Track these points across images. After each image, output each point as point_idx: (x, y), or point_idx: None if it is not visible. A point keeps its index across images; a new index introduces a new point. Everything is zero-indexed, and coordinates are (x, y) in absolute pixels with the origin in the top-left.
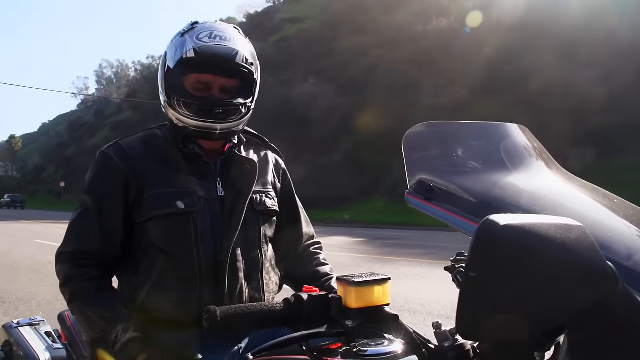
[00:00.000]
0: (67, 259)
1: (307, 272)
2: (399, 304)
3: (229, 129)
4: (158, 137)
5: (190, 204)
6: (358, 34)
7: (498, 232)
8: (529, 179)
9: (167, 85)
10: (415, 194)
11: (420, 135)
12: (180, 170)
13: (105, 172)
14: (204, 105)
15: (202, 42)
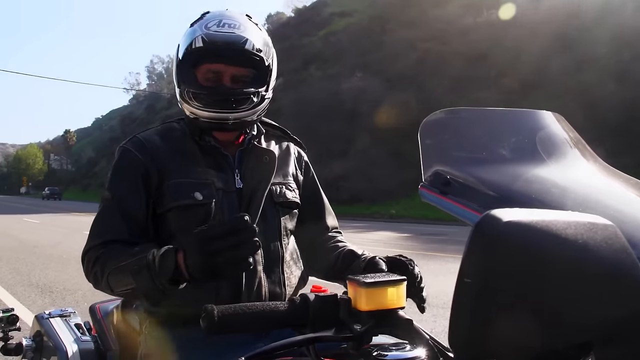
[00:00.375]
0: (95, 249)
1: (323, 251)
2: (442, 301)
3: (241, 118)
4: (176, 129)
5: (208, 195)
6: (407, 27)
7: (500, 229)
8: (560, 171)
9: (178, 77)
10: (430, 187)
11: (439, 123)
12: (197, 162)
13: (125, 165)
14: (214, 95)
15: (210, 30)
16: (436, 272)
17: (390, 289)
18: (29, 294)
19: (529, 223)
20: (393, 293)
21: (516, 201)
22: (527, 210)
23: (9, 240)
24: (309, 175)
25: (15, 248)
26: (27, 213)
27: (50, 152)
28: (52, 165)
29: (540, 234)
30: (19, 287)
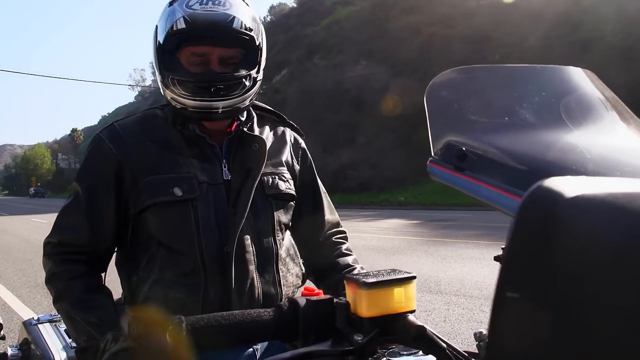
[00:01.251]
0: (53, 251)
1: (326, 262)
2: (455, 288)
3: (233, 105)
4: (157, 117)
5: (189, 190)
6: (410, 12)
7: (565, 209)
8: (598, 136)
9: (159, 62)
10: (442, 163)
11: (449, 84)
12: (180, 153)
13: (97, 157)
14: (202, 82)
15: (193, 9)
16: (448, 259)
17: (396, 289)
18: (34, 295)
19: (610, 199)
20: (400, 294)
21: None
22: (594, 178)
23: (17, 241)
24: (306, 164)
25: (23, 249)
26: (35, 213)
27: (58, 151)
28: (60, 165)
29: (627, 212)
30: (25, 288)
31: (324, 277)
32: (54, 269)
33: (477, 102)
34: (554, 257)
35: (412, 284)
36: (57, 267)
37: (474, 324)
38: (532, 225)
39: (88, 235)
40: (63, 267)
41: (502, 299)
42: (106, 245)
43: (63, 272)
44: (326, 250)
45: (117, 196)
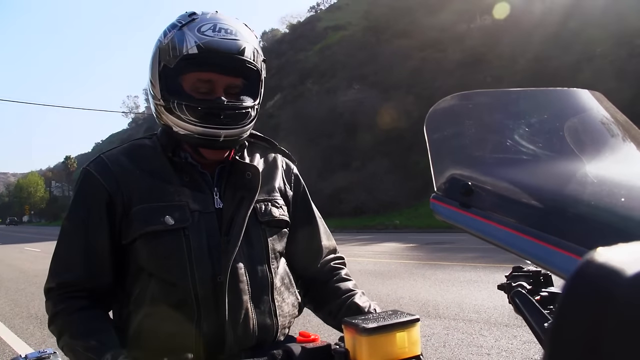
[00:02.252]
0: (54, 294)
1: (325, 289)
2: (454, 312)
3: (235, 135)
4: (146, 147)
5: (181, 218)
6: (401, 37)
7: (622, 287)
8: (614, 165)
9: (162, 86)
10: (446, 199)
11: (450, 112)
12: (170, 181)
13: (86, 192)
14: (213, 109)
15: (206, 36)
16: (445, 282)
17: (399, 333)
18: (27, 326)
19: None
20: (403, 339)
21: (571, 210)
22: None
23: (10, 271)
24: (299, 190)
25: (16, 278)
26: (28, 242)
27: (52, 179)
28: (54, 192)
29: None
30: (17, 319)
31: (323, 304)
32: (55, 309)
33: (480, 130)
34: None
35: (416, 327)
36: (57, 306)
37: (474, 349)
38: (581, 309)
39: (85, 274)
40: (63, 305)
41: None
42: (105, 280)
43: (63, 309)
44: (325, 276)
45: (110, 229)
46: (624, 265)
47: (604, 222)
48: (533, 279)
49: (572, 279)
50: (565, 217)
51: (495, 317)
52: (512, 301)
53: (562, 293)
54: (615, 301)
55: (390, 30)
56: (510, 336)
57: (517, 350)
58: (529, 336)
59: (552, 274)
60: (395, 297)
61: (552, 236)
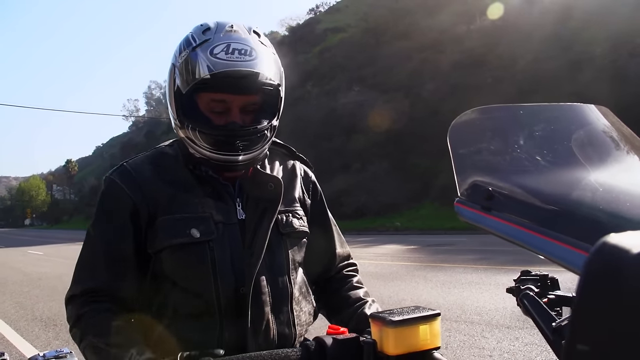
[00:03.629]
0: (77, 301)
1: (337, 297)
2: (455, 314)
3: (251, 159)
4: (168, 156)
5: (207, 231)
6: (401, 38)
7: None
8: (623, 175)
9: (178, 106)
10: (469, 203)
11: (470, 125)
12: (193, 192)
13: (111, 199)
14: (225, 137)
15: (218, 59)
16: (447, 284)
17: (422, 326)
18: (32, 328)
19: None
20: (426, 331)
21: (582, 213)
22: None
23: (14, 274)
24: (316, 198)
25: (20, 281)
26: (31, 245)
27: (53, 182)
28: (55, 196)
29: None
30: (23, 321)
31: (336, 312)
32: (79, 312)
33: (499, 141)
34: (622, 312)
35: (437, 320)
36: (81, 309)
37: (476, 351)
38: (599, 281)
39: (109, 280)
40: (88, 308)
41: (573, 352)
42: (129, 287)
43: (88, 312)
44: (337, 284)
45: (135, 236)
46: (630, 246)
47: (609, 224)
48: (541, 283)
49: (590, 258)
50: (575, 218)
51: (497, 319)
52: (521, 303)
53: (583, 269)
54: (624, 274)
55: (390, 32)
56: (512, 338)
57: (519, 352)
58: (531, 338)
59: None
60: (397, 299)
61: (564, 235)
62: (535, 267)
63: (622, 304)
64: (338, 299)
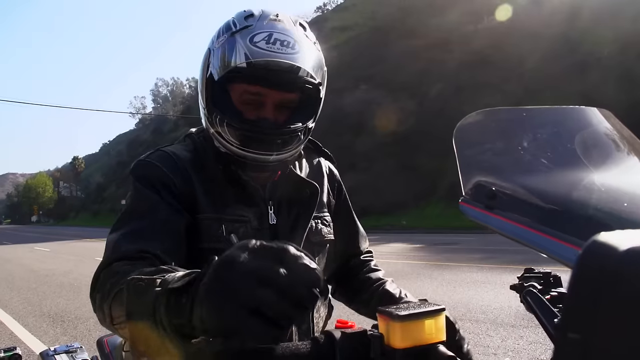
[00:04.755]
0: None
1: (357, 280)
2: (461, 312)
3: (281, 160)
4: (199, 151)
5: (244, 237)
6: (408, 37)
7: (618, 262)
8: (622, 176)
9: (208, 95)
10: (472, 202)
11: (475, 127)
12: (227, 192)
13: (152, 177)
14: (253, 133)
15: (258, 47)
16: (452, 283)
17: (427, 321)
18: (40, 324)
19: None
20: (431, 325)
21: (579, 212)
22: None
23: (21, 270)
24: (341, 198)
25: (27, 277)
26: (38, 242)
27: (60, 179)
28: (62, 193)
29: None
30: (31, 317)
31: (356, 295)
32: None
33: (503, 143)
34: (609, 304)
35: (442, 315)
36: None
37: (481, 349)
38: (590, 276)
39: (164, 250)
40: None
41: (564, 340)
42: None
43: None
44: (355, 270)
45: (183, 214)
46: (618, 244)
47: (608, 223)
48: (543, 280)
49: (581, 254)
50: (575, 217)
51: (502, 318)
52: (524, 300)
53: (575, 264)
54: (611, 269)
55: (397, 30)
56: (516, 336)
57: (523, 350)
58: (536, 336)
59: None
60: None
61: (564, 234)
62: (540, 266)
63: (608, 297)
64: (358, 283)
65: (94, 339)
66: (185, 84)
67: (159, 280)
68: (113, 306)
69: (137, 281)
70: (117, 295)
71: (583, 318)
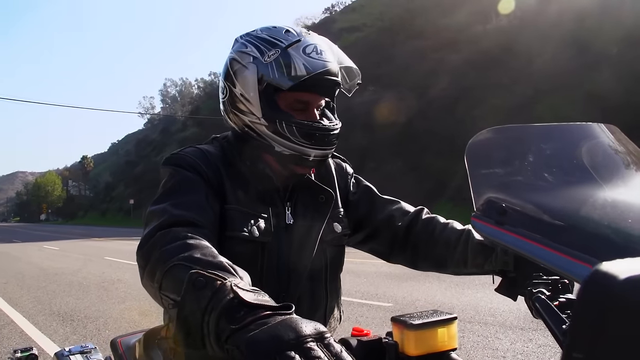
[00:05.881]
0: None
1: (436, 245)
2: (469, 315)
3: (326, 156)
4: (229, 149)
5: (266, 232)
6: (416, 38)
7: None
8: (630, 192)
9: (264, 105)
10: (484, 218)
11: (486, 144)
12: (250, 189)
13: (186, 166)
14: (321, 131)
15: (312, 58)
16: (461, 285)
17: (440, 329)
18: (50, 323)
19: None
20: (444, 334)
21: (587, 229)
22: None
23: (31, 268)
24: (360, 186)
25: (37, 276)
26: (47, 240)
27: (69, 178)
28: (71, 192)
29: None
30: (41, 316)
31: (446, 259)
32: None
33: (513, 160)
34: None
35: (454, 324)
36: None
37: (489, 352)
38: (592, 304)
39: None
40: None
41: (569, 358)
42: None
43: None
44: (425, 234)
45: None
46: (618, 273)
47: (613, 239)
48: (552, 286)
49: (584, 284)
50: (582, 233)
51: (510, 321)
52: (533, 306)
53: (578, 294)
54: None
55: (405, 31)
56: (525, 339)
57: (532, 353)
58: (545, 340)
59: (569, 281)
60: (410, 300)
61: (571, 249)
62: None
63: (610, 322)
64: (438, 246)
65: (103, 338)
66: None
67: (218, 282)
68: (166, 278)
69: (198, 276)
70: (173, 269)
71: (586, 340)
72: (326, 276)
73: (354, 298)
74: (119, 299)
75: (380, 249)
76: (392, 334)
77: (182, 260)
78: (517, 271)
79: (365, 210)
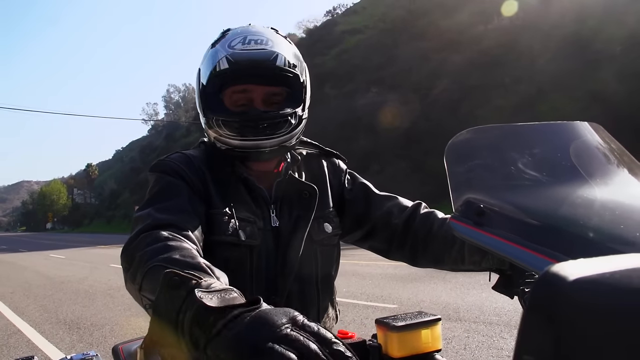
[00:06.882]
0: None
1: (434, 240)
2: (474, 315)
3: (280, 144)
4: (212, 153)
5: (251, 235)
6: (418, 39)
7: (567, 290)
8: (608, 191)
9: (203, 104)
10: (462, 218)
11: (466, 144)
12: (235, 193)
13: (173, 177)
14: (246, 121)
15: (236, 49)
16: (466, 285)
17: (424, 331)
18: (56, 331)
19: (608, 279)
20: (427, 335)
21: (563, 228)
22: (603, 259)
23: (37, 277)
24: (356, 183)
25: (43, 285)
26: (53, 249)
27: (74, 186)
28: (76, 200)
29: (628, 294)
30: (47, 324)
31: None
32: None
33: (493, 160)
34: (558, 330)
35: (438, 325)
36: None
37: (494, 351)
38: (541, 305)
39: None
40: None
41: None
42: None
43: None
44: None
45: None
46: (568, 274)
47: (591, 238)
48: None
49: (534, 285)
50: (560, 233)
51: (515, 320)
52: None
53: (529, 294)
54: (559, 298)
55: (407, 32)
56: None
57: None
58: None
59: None
60: (415, 301)
61: (547, 249)
62: None
63: (557, 324)
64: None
65: (109, 345)
66: None
67: (193, 282)
68: (145, 279)
69: (173, 275)
70: (152, 270)
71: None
72: (317, 276)
73: (360, 300)
74: (125, 306)
75: (380, 246)
76: (377, 336)
77: (161, 262)
78: (513, 269)
79: (362, 208)
